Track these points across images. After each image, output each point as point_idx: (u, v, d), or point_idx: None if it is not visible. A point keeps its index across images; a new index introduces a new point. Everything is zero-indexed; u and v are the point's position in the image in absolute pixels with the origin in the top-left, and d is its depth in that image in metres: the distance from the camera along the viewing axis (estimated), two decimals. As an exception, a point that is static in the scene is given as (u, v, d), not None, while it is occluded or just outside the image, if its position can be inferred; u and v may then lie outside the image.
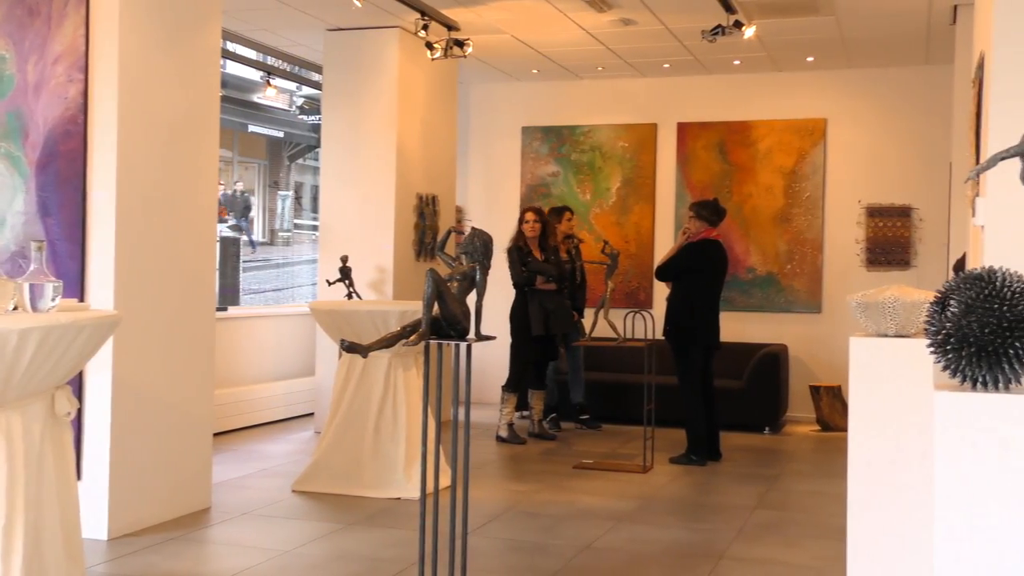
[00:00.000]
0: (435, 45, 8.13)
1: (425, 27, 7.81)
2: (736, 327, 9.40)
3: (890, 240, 9.57)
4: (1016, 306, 2.41)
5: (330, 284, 8.45)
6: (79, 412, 5.00)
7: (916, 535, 3.46)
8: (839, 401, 9.08)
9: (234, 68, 13.04)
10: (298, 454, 7.66)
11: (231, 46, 9.58)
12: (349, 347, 4.04)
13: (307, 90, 13.90)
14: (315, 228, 12.69)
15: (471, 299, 3.93)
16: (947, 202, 8.42)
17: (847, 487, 3.62)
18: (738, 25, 7.56)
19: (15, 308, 3.16)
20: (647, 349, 7.50)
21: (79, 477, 5.02)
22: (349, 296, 8.34)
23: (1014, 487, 2.39)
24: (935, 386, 2.68)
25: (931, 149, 9.27)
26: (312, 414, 9.09)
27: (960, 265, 6.00)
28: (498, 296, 9.05)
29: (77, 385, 5.17)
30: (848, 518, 3.62)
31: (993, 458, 2.41)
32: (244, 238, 13.80)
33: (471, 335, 3.93)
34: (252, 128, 16.18)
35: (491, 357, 9.95)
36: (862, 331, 3.68)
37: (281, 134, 16.72)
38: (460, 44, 8.19)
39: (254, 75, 12.50)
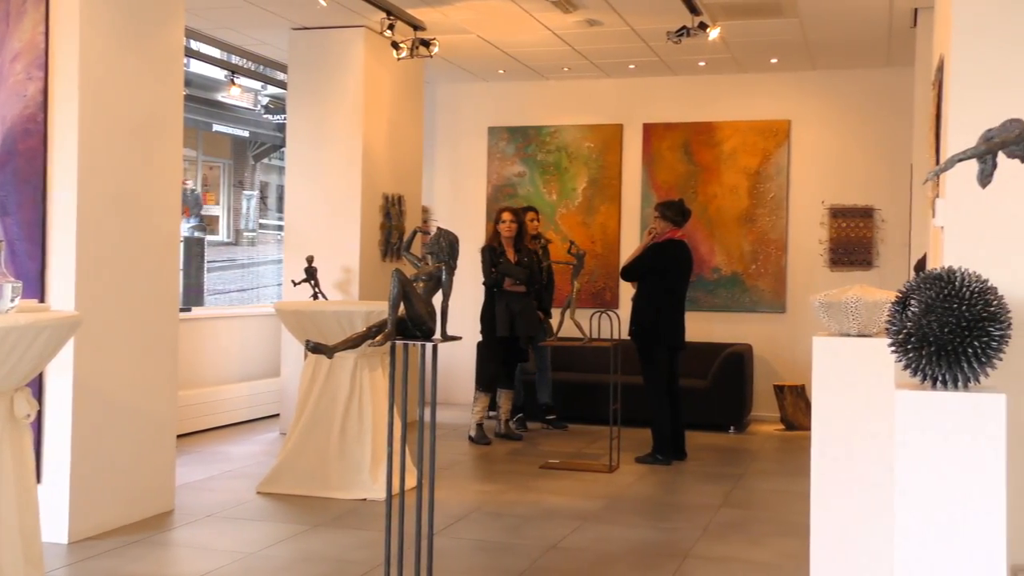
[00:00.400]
0: (401, 45, 8.11)
1: (391, 27, 7.78)
2: (701, 327, 9.46)
3: (853, 240, 9.67)
4: (975, 306, 2.44)
5: (296, 284, 8.40)
6: (39, 414, 4.94)
7: (878, 532, 3.50)
8: (803, 400, 9.16)
9: (198, 67, 12.92)
10: (263, 455, 7.60)
11: (195, 44, 9.51)
12: (314, 348, 4.02)
13: (272, 89, 13.80)
14: (280, 228, 12.62)
15: (437, 299, 3.93)
16: (908, 203, 8.52)
17: (810, 485, 3.66)
18: (703, 27, 7.60)
19: (-27, 309, 3.12)
20: (613, 349, 7.53)
21: (39, 480, 4.95)
22: (315, 296, 8.30)
23: (973, 484, 2.43)
24: (896, 385, 2.71)
25: (893, 150, 9.37)
26: (277, 415, 9.04)
27: (921, 265, 6.08)
28: (465, 296, 9.05)
29: (37, 387, 5.10)
30: (811, 515, 3.65)
31: (952, 455, 2.44)
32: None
33: (437, 335, 3.92)
34: (217, 127, 16.05)
35: (458, 357, 9.95)
36: (825, 331, 3.71)
37: (246, 133, 16.60)
38: (426, 44, 8.17)
39: (218, 74, 12.40)
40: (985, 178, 2.08)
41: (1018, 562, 2.66)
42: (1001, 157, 2.03)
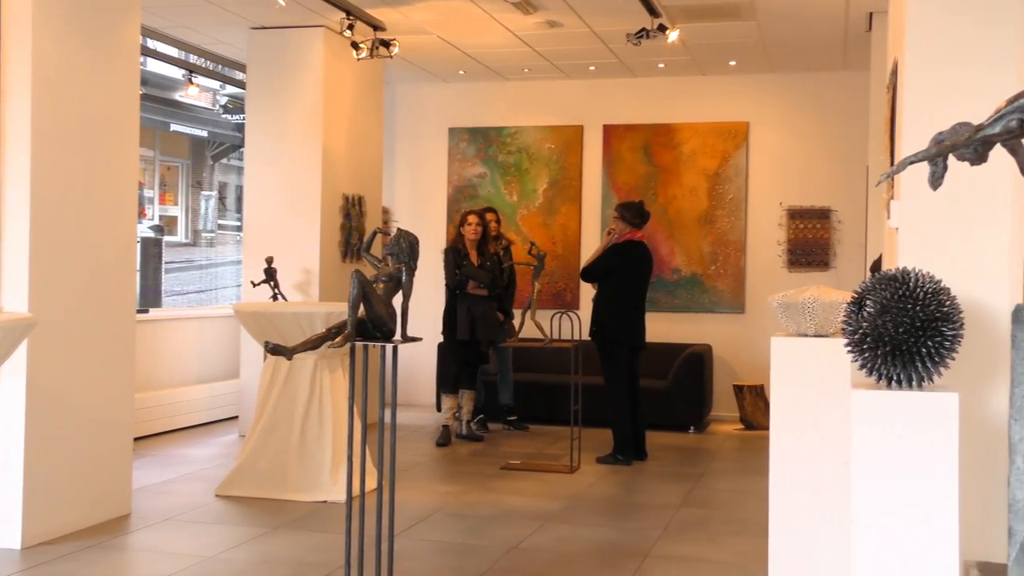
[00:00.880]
0: (361, 45, 8.07)
1: (350, 27, 7.75)
2: (661, 327, 9.51)
3: (810, 241, 9.77)
4: (928, 306, 2.48)
5: (255, 285, 8.34)
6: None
7: (835, 529, 3.54)
8: (762, 400, 9.24)
9: (155, 66, 12.79)
10: (222, 458, 7.54)
11: (151, 43, 9.40)
12: (273, 349, 4.00)
13: (231, 89, 13.69)
14: (239, 229, 12.51)
15: (397, 301, 3.91)
16: (864, 204, 8.63)
17: (769, 484, 3.69)
18: (662, 29, 7.65)
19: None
20: (574, 350, 7.55)
21: (-8, 485, 4.87)
22: (274, 297, 8.25)
23: (927, 481, 2.46)
24: (852, 384, 2.75)
25: (849, 152, 9.49)
26: (236, 417, 8.96)
27: (877, 266, 6.16)
28: (425, 297, 9.04)
29: (-10, 390, 5.01)
30: (770, 514, 3.69)
31: (907, 453, 2.48)
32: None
33: (397, 337, 3.91)
34: (174, 127, 15.90)
35: (419, 358, 9.93)
36: (783, 331, 3.75)
37: (204, 133, 16.45)
38: (386, 44, 8.14)
39: (176, 73, 12.28)
40: (936, 180, 2.11)
41: (970, 558, 2.70)
42: (952, 160, 2.06)
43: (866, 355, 2.54)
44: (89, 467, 5.47)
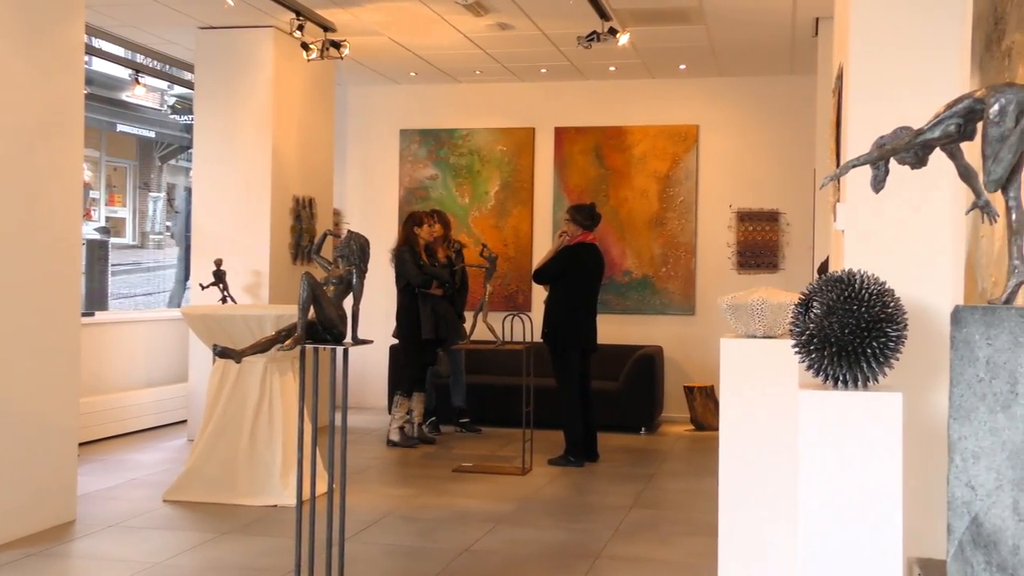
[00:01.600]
0: (311, 46, 8.01)
1: (300, 27, 7.69)
2: (612, 329, 9.55)
3: (759, 243, 9.88)
4: (873, 307, 2.52)
5: (203, 288, 8.25)
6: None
7: (784, 528, 3.58)
8: (712, 401, 9.32)
9: (101, 65, 12.59)
10: (170, 463, 7.44)
11: (97, 42, 9.26)
12: (222, 352, 3.96)
13: (179, 89, 13.53)
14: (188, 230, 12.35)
15: (348, 303, 3.89)
16: (812, 207, 8.75)
17: (718, 484, 3.72)
18: (613, 32, 7.69)
19: None
20: (526, 352, 7.56)
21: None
22: (224, 300, 8.16)
23: (872, 479, 2.50)
24: (800, 385, 2.78)
25: (796, 156, 9.61)
26: (185, 421, 8.85)
27: (824, 268, 6.25)
28: (375, 300, 9.00)
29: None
30: (719, 514, 3.72)
31: (852, 452, 2.51)
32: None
33: (348, 339, 3.89)
34: (121, 127, 15.68)
35: (369, 361, 9.88)
36: (732, 332, 3.79)
37: (152, 134, 16.24)
38: (336, 45, 8.10)
39: (123, 73, 12.11)
40: (878, 183, 2.15)
41: (914, 554, 2.75)
42: (893, 163, 2.10)
43: (813, 356, 2.57)
44: (32, 473, 5.36)
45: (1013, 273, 1.83)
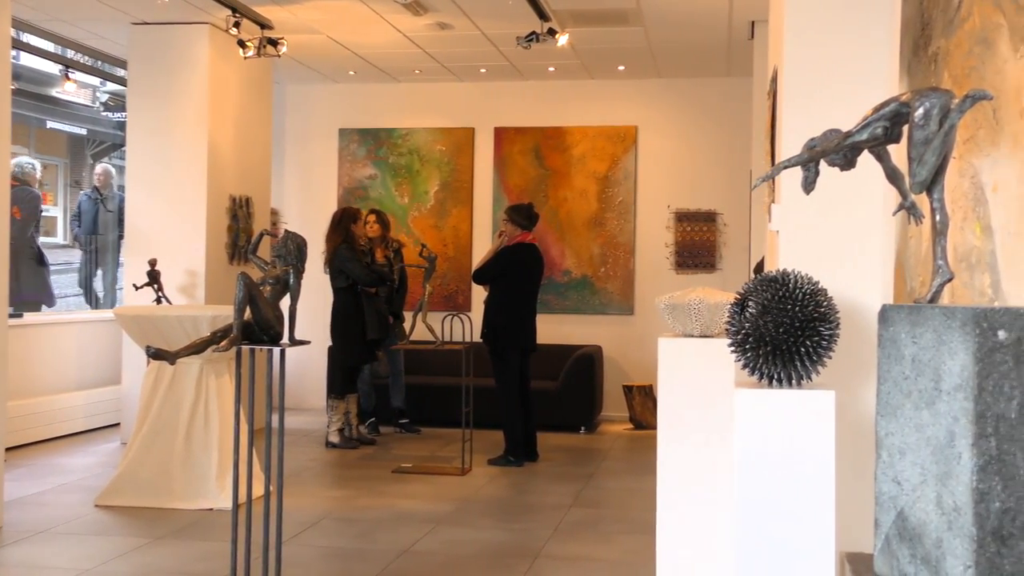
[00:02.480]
0: (248, 43, 7.91)
1: (236, 24, 7.59)
2: (552, 329, 9.59)
3: (697, 244, 9.99)
4: (807, 307, 2.56)
5: (137, 288, 8.10)
6: None
7: (721, 525, 3.62)
8: (651, 400, 9.40)
9: (29, 60, 12.30)
10: (102, 467, 7.29)
11: (25, 37, 9.04)
12: (155, 354, 3.89)
13: (112, 86, 13.28)
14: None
15: (285, 303, 3.85)
16: (748, 207, 8.86)
17: (656, 482, 3.75)
18: (552, 33, 7.72)
19: None
20: (465, 352, 7.55)
21: None
22: (158, 301, 8.02)
23: (806, 477, 2.54)
24: (736, 383, 2.81)
25: (733, 157, 9.72)
26: (118, 424, 8.68)
27: (760, 268, 6.33)
28: (313, 300, 8.92)
29: None
30: (657, 512, 3.75)
31: (787, 450, 2.55)
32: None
33: (285, 340, 3.85)
34: (51, 124, 15.34)
35: (307, 362, 9.78)
36: (670, 332, 3.82)
37: (84, 131, 15.92)
38: (274, 43, 8.01)
39: (52, 68, 11.84)
40: (809, 185, 2.18)
41: (847, 549, 2.80)
42: (824, 165, 2.13)
43: (748, 355, 2.60)
44: (-42, 479, 5.22)
45: (937, 273, 1.87)
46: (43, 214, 14.89)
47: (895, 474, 1.74)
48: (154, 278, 8.04)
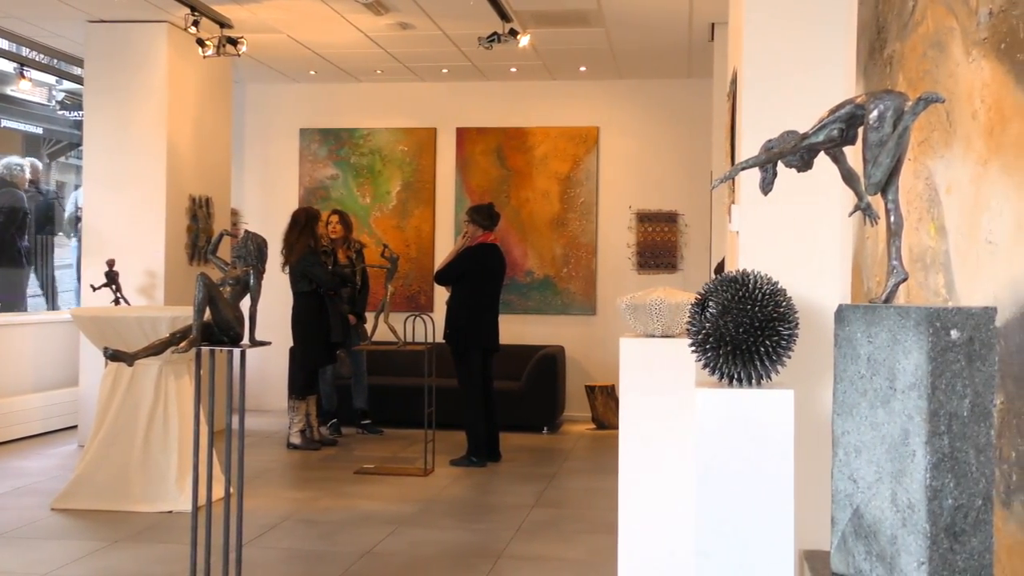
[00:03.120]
0: (207, 42, 7.85)
1: (195, 23, 7.52)
2: (515, 329, 9.59)
3: (659, 244, 10.05)
4: (767, 307, 2.58)
5: (95, 289, 8.00)
6: None
7: (682, 524, 3.64)
8: (613, 400, 9.44)
9: (-17, 58, 12.11)
10: (59, 469, 7.19)
11: (-21, 34, 8.91)
12: (113, 355, 3.85)
13: (68, 84, 13.10)
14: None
15: (245, 304, 3.83)
16: (709, 208, 8.92)
17: (618, 482, 3.77)
18: (513, 33, 7.72)
19: None
20: (427, 352, 7.54)
21: None
22: (116, 302, 7.93)
23: (766, 476, 2.56)
24: (696, 383, 2.83)
25: (694, 158, 9.79)
26: (75, 427, 8.57)
27: (720, 268, 6.38)
28: (272, 301, 8.86)
29: None
30: (619, 512, 3.77)
31: (747, 449, 2.57)
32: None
33: (245, 341, 3.83)
34: (6, 123, 15.12)
35: (267, 363, 9.72)
36: (632, 332, 3.84)
37: (39, 130, 15.69)
38: (233, 42, 7.94)
39: (7, 66, 11.67)
40: (766, 186, 2.20)
41: (806, 547, 2.83)
42: (781, 167, 2.15)
43: (709, 355, 2.62)
44: (-90, 484, 5.13)
45: (892, 273, 1.90)
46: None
47: (851, 472, 1.77)
48: (112, 279, 7.95)
